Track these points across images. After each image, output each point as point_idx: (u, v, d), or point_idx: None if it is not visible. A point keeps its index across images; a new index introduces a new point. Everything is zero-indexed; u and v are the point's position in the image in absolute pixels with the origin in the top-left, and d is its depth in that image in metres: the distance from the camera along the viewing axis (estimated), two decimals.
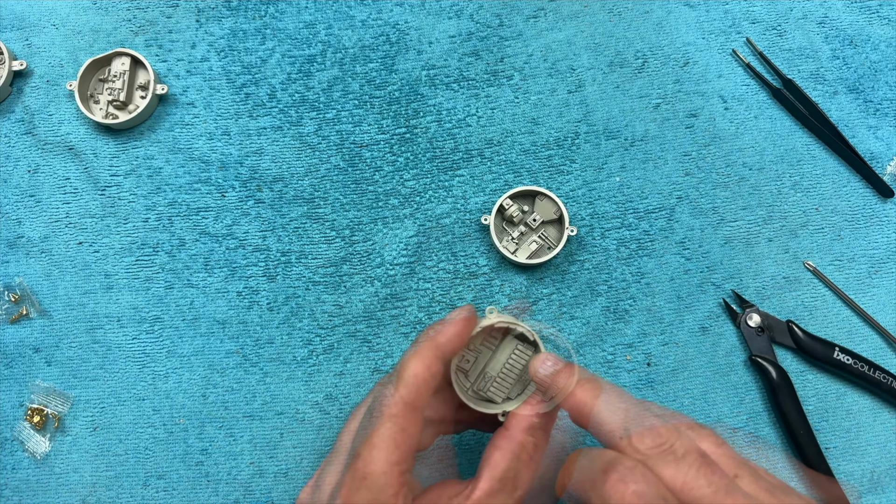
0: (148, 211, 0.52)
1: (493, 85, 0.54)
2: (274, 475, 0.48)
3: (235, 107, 0.54)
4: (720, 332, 0.50)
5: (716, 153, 0.53)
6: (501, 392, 0.39)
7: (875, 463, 0.48)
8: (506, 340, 0.40)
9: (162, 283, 0.51)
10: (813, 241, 0.52)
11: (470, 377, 0.40)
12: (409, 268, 0.51)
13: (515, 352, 0.40)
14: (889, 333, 0.50)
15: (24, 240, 0.51)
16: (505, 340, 0.40)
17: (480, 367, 0.40)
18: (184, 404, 0.49)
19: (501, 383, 0.39)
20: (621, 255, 0.51)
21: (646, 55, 0.55)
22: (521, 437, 0.36)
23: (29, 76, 0.54)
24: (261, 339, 0.50)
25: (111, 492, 0.47)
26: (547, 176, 0.53)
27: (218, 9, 0.56)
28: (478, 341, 0.40)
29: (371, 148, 0.53)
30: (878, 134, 0.54)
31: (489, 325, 0.39)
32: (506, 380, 0.39)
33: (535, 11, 0.56)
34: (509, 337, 0.40)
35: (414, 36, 0.55)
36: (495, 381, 0.39)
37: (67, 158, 0.53)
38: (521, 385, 0.40)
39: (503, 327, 0.39)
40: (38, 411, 0.48)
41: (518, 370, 0.40)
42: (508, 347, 0.40)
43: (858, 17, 0.56)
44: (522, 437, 0.36)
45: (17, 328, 0.50)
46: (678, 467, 0.30)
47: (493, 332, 0.40)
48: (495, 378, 0.39)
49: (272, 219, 0.52)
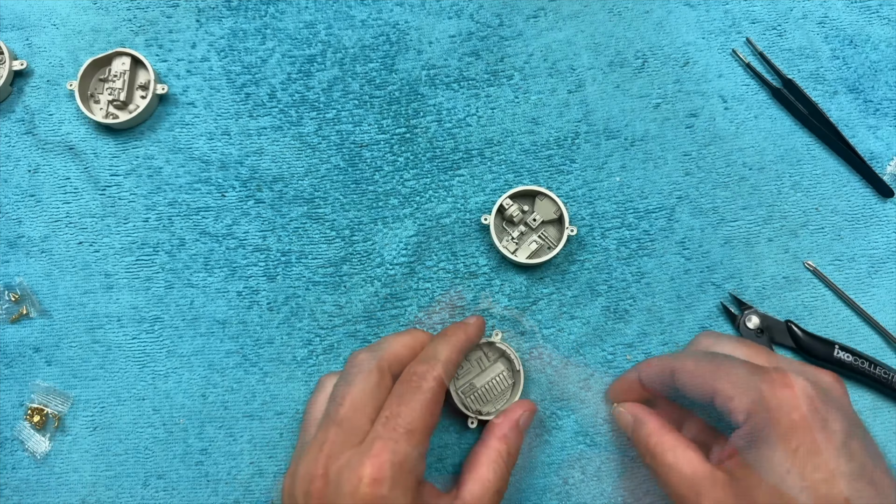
0: (148, 211, 0.52)
1: (493, 85, 0.54)
2: (274, 475, 0.48)
3: (235, 107, 0.54)
4: None
5: (716, 153, 0.53)
6: (479, 403, 0.47)
7: None
8: (498, 362, 0.48)
9: (162, 282, 0.51)
10: (813, 241, 0.52)
11: (457, 383, 0.47)
12: (409, 268, 0.51)
13: (501, 374, 0.48)
14: (889, 333, 0.50)
15: (24, 240, 0.51)
16: (498, 362, 0.48)
17: (469, 378, 0.47)
18: (184, 404, 0.49)
19: (483, 396, 0.47)
20: (621, 255, 0.51)
21: (646, 55, 0.55)
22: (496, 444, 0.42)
23: (29, 76, 0.54)
24: (261, 339, 0.50)
25: (111, 492, 0.47)
26: (547, 176, 0.53)
27: (218, 9, 0.56)
28: (475, 354, 0.48)
29: (371, 148, 0.53)
30: (878, 134, 0.54)
31: (492, 342, 0.47)
32: (487, 394, 0.47)
33: (535, 11, 0.56)
34: (502, 359, 0.48)
35: (414, 36, 0.55)
36: (477, 392, 0.47)
37: (67, 158, 0.53)
38: (498, 402, 0.47)
39: (501, 350, 0.48)
40: (38, 411, 0.48)
41: (499, 391, 0.47)
42: (497, 369, 0.48)
43: (858, 17, 0.56)
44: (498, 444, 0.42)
45: (17, 328, 0.50)
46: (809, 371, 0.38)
47: (489, 351, 0.48)
48: (478, 389, 0.47)
49: (272, 219, 0.52)
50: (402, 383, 0.39)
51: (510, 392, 0.47)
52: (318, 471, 0.37)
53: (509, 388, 0.48)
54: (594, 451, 0.48)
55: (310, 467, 0.37)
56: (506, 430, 0.43)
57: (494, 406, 0.47)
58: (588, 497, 0.47)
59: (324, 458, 0.37)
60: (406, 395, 0.38)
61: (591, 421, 0.48)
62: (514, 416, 0.44)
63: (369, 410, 0.38)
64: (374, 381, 0.39)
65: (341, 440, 0.37)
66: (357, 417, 0.38)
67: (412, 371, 0.39)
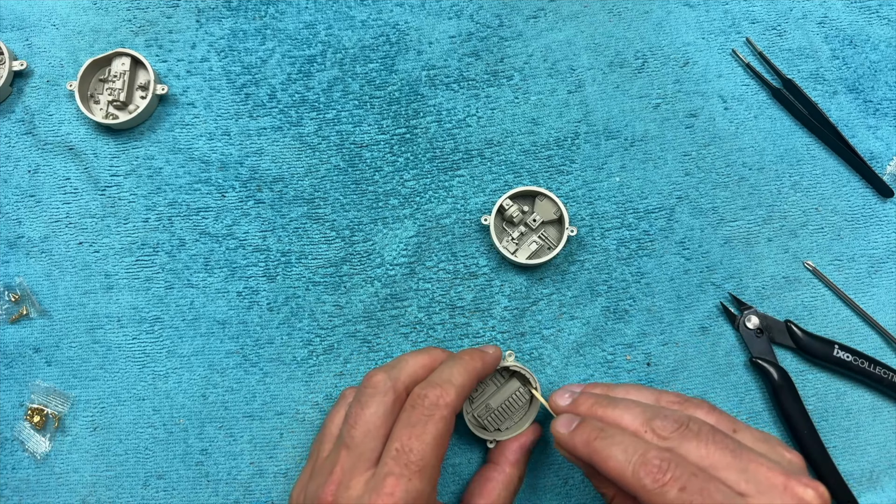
0: (148, 211, 0.52)
1: (493, 85, 0.54)
2: (274, 475, 0.48)
3: (235, 107, 0.54)
4: (720, 332, 0.50)
5: (716, 153, 0.53)
6: (497, 423, 0.47)
7: (874, 462, 0.48)
8: (511, 381, 0.47)
9: (162, 283, 0.51)
10: (813, 241, 0.52)
11: (473, 404, 0.47)
12: (409, 268, 0.51)
13: (517, 392, 0.47)
14: (889, 333, 0.50)
15: (24, 240, 0.51)
16: (511, 381, 0.47)
17: (484, 398, 0.47)
18: (184, 404, 0.49)
19: (499, 415, 0.47)
20: (621, 255, 0.51)
21: (646, 55, 0.55)
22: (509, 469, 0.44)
23: (29, 76, 0.54)
24: (261, 339, 0.50)
25: (111, 492, 0.47)
26: (547, 176, 0.53)
27: (218, 9, 0.56)
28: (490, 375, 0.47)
29: (371, 148, 0.53)
30: (878, 134, 0.54)
31: (505, 365, 0.46)
32: (503, 413, 0.47)
33: (535, 11, 0.56)
34: (514, 379, 0.47)
35: (414, 36, 0.55)
36: (494, 413, 0.47)
37: (67, 158, 0.53)
38: (514, 421, 0.47)
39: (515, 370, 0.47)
40: (38, 411, 0.48)
41: (516, 408, 0.47)
42: (512, 387, 0.47)
43: (858, 17, 0.56)
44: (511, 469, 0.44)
45: (17, 328, 0.50)
46: (698, 443, 0.34)
47: (503, 372, 0.48)
48: (495, 410, 0.47)
49: (272, 219, 0.52)
50: (414, 409, 0.38)
51: (527, 409, 0.47)
52: (328, 498, 0.37)
53: (526, 404, 0.47)
54: None
55: (319, 492, 0.37)
56: (519, 455, 0.44)
57: (510, 424, 0.47)
58: (588, 497, 0.47)
59: (334, 484, 0.37)
60: (418, 427, 0.37)
61: None
62: (527, 441, 0.45)
63: (382, 433, 0.38)
64: (389, 405, 0.39)
65: (351, 464, 0.37)
66: (368, 442, 0.38)
67: (423, 394, 0.38)
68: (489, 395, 0.47)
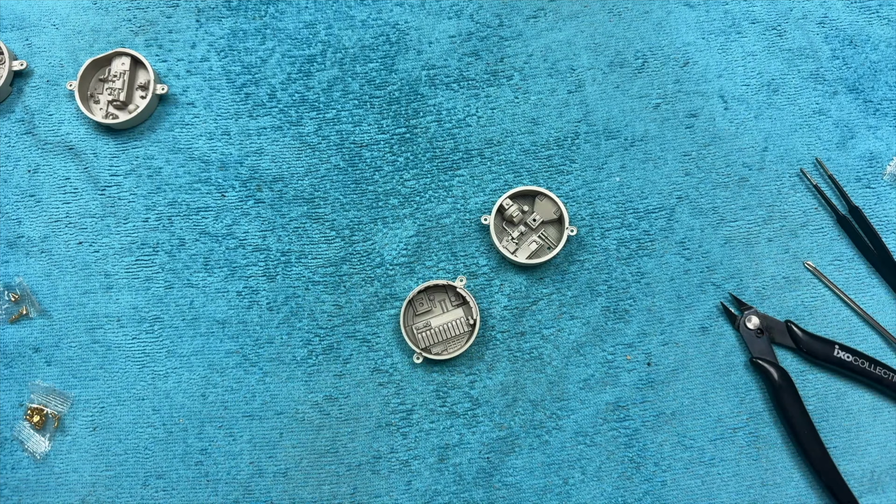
0: (148, 211, 0.52)
1: (493, 85, 0.54)
2: (273, 475, 0.48)
3: (235, 107, 0.54)
4: (720, 332, 0.50)
5: (716, 153, 0.53)
6: (430, 341, 0.49)
7: (875, 462, 0.48)
8: (460, 308, 0.49)
9: (162, 282, 0.51)
10: (813, 241, 0.52)
11: (416, 317, 0.50)
12: (409, 268, 0.51)
13: (459, 321, 0.49)
14: (889, 333, 0.50)
15: (24, 240, 0.51)
16: (459, 308, 0.50)
17: (429, 317, 0.50)
18: (183, 404, 0.49)
19: (434, 335, 0.49)
20: (621, 255, 0.51)
21: (646, 55, 0.55)
22: None
23: (29, 76, 0.54)
24: (260, 339, 0.50)
25: (111, 491, 0.47)
26: (547, 176, 0.53)
27: (218, 9, 0.56)
28: (439, 296, 0.50)
29: (371, 148, 0.53)
30: (878, 134, 0.54)
31: (454, 285, 0.49)
32: (439, 335, 0.49)
33: (535, 11, 0.56)
34: (464, 307, 0.49)
35: (414, 36, 0.55)
36: (432, 330, 0.49)
37: (67, 158, 0.53)
38: (445, 347, 0.49)
39: (462, 297, 0.49)
40: (37, 411, 0.48)
41: (452, 335, 0.49)
42: (456, 314, 0.49)
43: (858, 17, 0.56)
44: None
45: (17, 328, 0.50)
46: None
47: (454, 297, 0.50)
48: (433, 328, 0.49)
49: (272, 219, 0.52)
50: None
51: (466, 339, 0.49)
52: None
53: (465, 334, 0.49)
54: (594, 451, 0.48)
55: None
56: None
57: (441, 350, 0.49)
58: (588, 497, 0.47)
59: None
60: None
61: (592, 421, 0.48)
62: None
63: None
64: None
65: None
66: None
67: None
68: (435, 315, 0.49)
